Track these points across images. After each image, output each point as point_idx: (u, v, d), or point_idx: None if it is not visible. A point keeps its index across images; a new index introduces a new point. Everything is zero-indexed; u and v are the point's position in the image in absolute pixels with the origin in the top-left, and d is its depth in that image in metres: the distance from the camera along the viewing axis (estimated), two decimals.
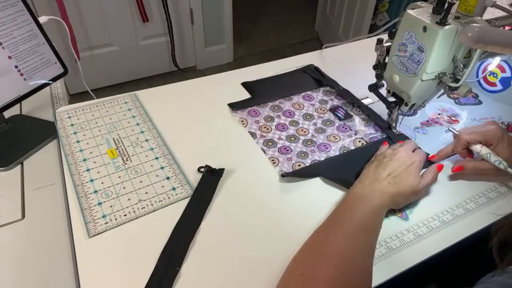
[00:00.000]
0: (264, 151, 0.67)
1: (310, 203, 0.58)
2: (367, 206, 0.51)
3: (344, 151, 0.67)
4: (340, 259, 0.45)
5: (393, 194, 0.53)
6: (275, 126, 0.72)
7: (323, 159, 0.65)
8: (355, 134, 0.71)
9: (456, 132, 0.64)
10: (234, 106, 0.76)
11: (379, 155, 0.61)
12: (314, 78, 0.85)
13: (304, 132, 0.71)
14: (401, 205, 0.56)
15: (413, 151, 0.61)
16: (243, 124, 0.72)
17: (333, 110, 0.77)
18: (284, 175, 0.61)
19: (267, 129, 0.72)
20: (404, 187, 0.54)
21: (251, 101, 0.78)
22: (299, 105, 0.78)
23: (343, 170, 0.62)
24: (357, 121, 0.74)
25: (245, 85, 0.83)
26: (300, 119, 0.75)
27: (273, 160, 0.65)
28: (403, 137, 0.69)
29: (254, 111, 0.76)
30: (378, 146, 0.66)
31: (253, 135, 0.70)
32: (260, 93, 0.80)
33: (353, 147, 0.68)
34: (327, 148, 0.68)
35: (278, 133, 0.71)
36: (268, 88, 0.82)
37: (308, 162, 0.65)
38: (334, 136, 0.70)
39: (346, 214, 0.51)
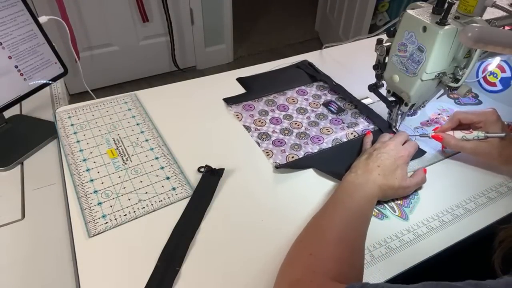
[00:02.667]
0: (258, 143, 0.68)
1: (309, 202, 0.58)
2: (362, 195, 0.53)
3: (337, 143, 0.69)
4: (342, 241, 0.47)
5: (382, 185, 0.55)
6: (269, 119, 0.74)
7: (316, 151, 0.67)
8: (348, 127, 0.72)
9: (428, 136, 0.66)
10: (229, 101, 0.77)
11: (369, 148, 0.63)
12: (308, 73, 0.87)
13: (298, 125, 0.73)
14: (389, 197, 0.58)
15: (404, 143, 0.63)
16: (238, 118, 0.73)
17: (326, 104, 0.78)
18: (278, 167, 0.62)
19: (262, 122, 0.73)
20: (392, 180, 0.56)
21: (246, 96, 0.80)
22: (293, 99, 0.80)
23: (335, 162, 0.64)
24: (349, 115, 0.75)
25: (240, 80, 0.84)
26: (294, 113, 0.76)
27: (267, 153, 0.66)
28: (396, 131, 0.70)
29: (248, 106, 0.77)
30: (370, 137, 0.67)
31: (247, 128, 0.71)
32: (255, 88, 0.82)
33: (345, 140, 0.69)
34: (320, 140, 0.69)
35: (273, 127, 0.72)
36: (263, 83, 0.84)
37: (301, 154, 0.66)
38: (327, 129, 0.72)
39: (344, 201, 0.53)
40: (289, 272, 0.45)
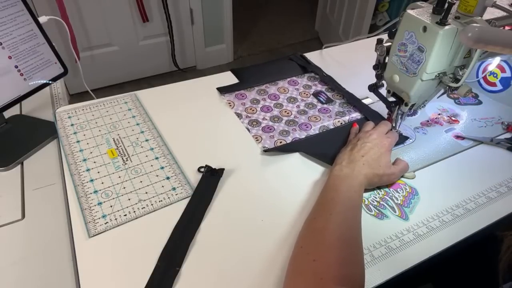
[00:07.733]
0: (248, 129, 0.70)
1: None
2: (349, 186, 0.54)
3: (324, 130, 0.71)
4: (343, 241, 0.48)
5: (368, 174, 0.56)
6: (260, 108, 0.76)
7: (303, 137, 0.69)
8: (335, 116, 0.75)
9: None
10: (222, 90, 0.80)
11: (352, 139, 0.65)
12: (300, 64, 0.89)
13: (287, 113, 0.75)
14: (375, 185, 0.59)
15: (386, 133, 0.64)
16: (230, 106, 0.76)
17: (316, 94, 0.81)
18: (266, 150, 0.65)
19: (253, 110, 0.75)
20: (377, 168, 0.57)
21: (238, 86, 0.82)
22: (284, 89, 0.82)
23: (321, 146, 0.66)
24: (338, 105, 0.78)
25: (234, 71, 0.87)
26: (284, 101, 0.78)
27: (256, 138, 0.69)
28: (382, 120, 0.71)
29: (241, 95, 0.79)
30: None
31: (239, 115, 0.74)
32: (247, 78, 0.84)
33: (332, 127, 0.72)
34: (307, 127, 0.71)
35: (263, 114, 0.75)
36: (256, 74, 0.86)
37: (289, 139, 0.69)
38: (315, 117, 0.74)
39: (334, 197, 0.53)
40: (297, 281, 0.45)
